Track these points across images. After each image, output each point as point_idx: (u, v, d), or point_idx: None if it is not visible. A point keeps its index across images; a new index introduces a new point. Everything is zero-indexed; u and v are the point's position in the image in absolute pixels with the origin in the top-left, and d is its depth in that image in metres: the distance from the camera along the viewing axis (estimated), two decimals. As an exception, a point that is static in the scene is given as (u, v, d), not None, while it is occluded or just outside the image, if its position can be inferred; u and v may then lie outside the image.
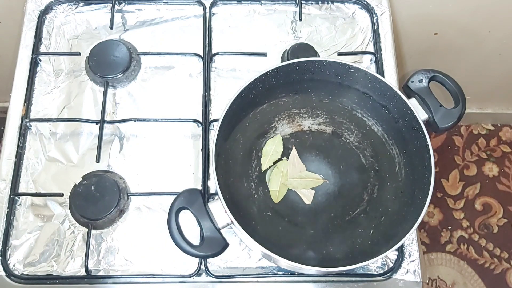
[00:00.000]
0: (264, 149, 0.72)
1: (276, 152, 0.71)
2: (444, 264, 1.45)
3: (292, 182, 0.70)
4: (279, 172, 0.70)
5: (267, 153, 0.71)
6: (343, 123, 0.75)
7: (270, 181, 0.71)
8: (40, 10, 0.86)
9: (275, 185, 0.70)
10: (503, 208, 1.51)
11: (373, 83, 0.72)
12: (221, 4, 0.89)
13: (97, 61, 0.81)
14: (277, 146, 0.72)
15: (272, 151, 0.71)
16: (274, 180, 0.70)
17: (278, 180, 0.70)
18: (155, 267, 0.72)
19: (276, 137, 0.73)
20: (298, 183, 0.70)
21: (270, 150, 0.71)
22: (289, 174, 0.70)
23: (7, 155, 0.77)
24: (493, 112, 1.53)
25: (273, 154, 0.71)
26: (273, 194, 0.70)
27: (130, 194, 0.75)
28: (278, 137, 0.72)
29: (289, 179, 0.70)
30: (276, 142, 0.72)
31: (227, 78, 0.84)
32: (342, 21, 0.89)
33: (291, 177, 0.70)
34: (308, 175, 0.70)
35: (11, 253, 0.72)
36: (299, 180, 0.69)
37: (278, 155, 0.72)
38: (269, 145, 0.72)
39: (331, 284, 0.72)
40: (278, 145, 0.72)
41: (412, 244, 0.75)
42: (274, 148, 0.72)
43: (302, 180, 0.70)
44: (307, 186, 0.70)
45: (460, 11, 1.01)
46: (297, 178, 0.69)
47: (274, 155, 0.71)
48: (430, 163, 0.66)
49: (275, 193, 0.70)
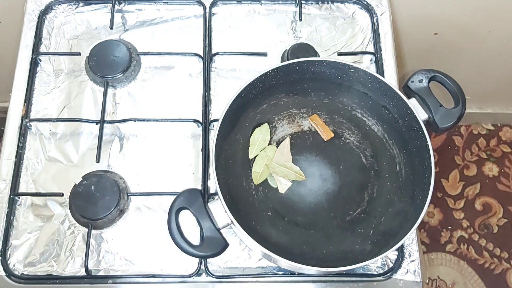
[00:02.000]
0: (251, 137, 0.72)
1: (263, 141, 0.72)
2: (444, 264, 1.45)
3: (274, 166, 0.70)
4: (265, 156, 0.71)
5: (255, 142, 0.72)
6: (343, 123, 0.75)
7: (255, 163, 0.71)
8: (40, 10, 0.86)
9: (259, 167, 0.71)
10: (503, 208, 1.51)
11: (373, 83, 0.72)
12: (221, 4, 0.89)
13: (97, 61, 0.81)
14: (265, 135, 0.72)
15: (260, 139, 0.72)
16: (259, 163, 0.71)
17: (263, 163, 0.71)
18: (155, 267, 0.72)
19: (263, 125, 0.73)
20: (280, 170, 0.70)
21: (258, 138, 0.72)
22: (275, 159, 0.71)
23: (7, 155, 0.77)
24: (493, 112, 1.53)
25: (261, 142, 0.72)
26: (254, 176, 0.70)
27: (130, 194, 0.75)
28: (265, 126, 0.73)
29: (273, 163, 0.70)
30: (264, 131, 0.72)
31: (227, 78, 0.84)
32: (342, 21, 0.89)
33: (275, 162, 0.70)
34: (292, 167, 0.70)
35: (11, 253, 0.72)
36: (282, 168, 0.70)
37: (266, 144, 0.72)
38: (256, 134, 0.72)
39: (331, 284, 0.72)
40: (266, 134, 0.72)
41: (412, 244, 0.75)
42: (262, 136, 0.72)
43: (284, 169, 0.70)
44: (286, 177, 0.70)
45: (460, 11, 1.01)
46: (281, 165, 0.70)
47: (261, 144, 0.72)
48: (430, 163, 0.66)
49: (256, 175, 0.70)
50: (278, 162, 0.70)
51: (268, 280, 0.72)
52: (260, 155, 0.71)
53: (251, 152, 0.72)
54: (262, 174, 0.71)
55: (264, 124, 0.73)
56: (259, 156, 0.71)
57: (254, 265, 0.73)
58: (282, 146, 0.72)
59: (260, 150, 0.72)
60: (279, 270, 0.72)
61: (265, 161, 0.71)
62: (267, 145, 0.72)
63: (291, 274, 0.72)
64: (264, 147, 0.72)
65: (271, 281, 0.72)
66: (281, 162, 0.70)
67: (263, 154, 0.71)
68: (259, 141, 0.72)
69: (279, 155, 0.71)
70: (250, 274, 0.72)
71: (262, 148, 0.72)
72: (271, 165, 0.70)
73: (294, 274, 0.72)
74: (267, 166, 0.70)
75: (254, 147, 0.72)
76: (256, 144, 0.71)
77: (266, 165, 0.71)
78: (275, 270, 0.72)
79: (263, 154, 0.71)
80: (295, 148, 0.73)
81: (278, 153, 0.71)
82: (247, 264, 0.73)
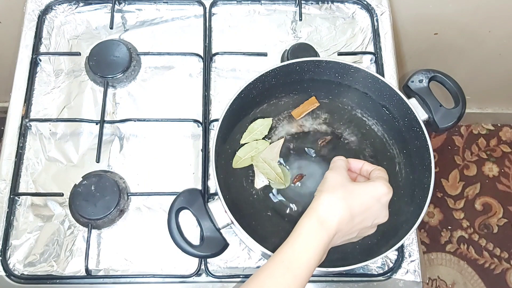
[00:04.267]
0: (251, 125, 0.72)
1: (260, 133, 0.72)
2: (444, 264, 1.45)
3: (259, 161, 0.70)
4: (255, 147, 0.71)
5: (252, 130, 0.72)
6: (343, 123, 0.75)
7: (242, 148, 0.71)
8: (40, 10, 0.86)
9: (243, 153, 0.71)
10: (503, 208, 1.51)
11: (373, 83, 0.72)
12: (221, 4, 0.89)
13: (97, 61, 0.81)
14: (264, 128, 0.72)
15: (258, 130, 0.72)
16: (246, 150, 0.71)
17: (249, 152, 0.71)
18: (155, 267, 0.72)
19: (267, 119, 0.73)
20: (262, 166, 0.70)
21: (257, 128, 0.72)
22: (262, 154, 0.71)
23: (7, 155, 0.77)
24: (493, 112, 1.53)
25: (257, 133, 0.72)
26: (236, 159, 0.70)
27: (130, 194, 0.75)
28: (269, 120, 0.73)
29: (259, 157, 0.70)
30: (265, 124, 0.72)
31: (227, 78, 0.84)
32: (342, 21, 0.89)
33: (262, 157, 0.70)
34: (275, 168, 0.70)
35: (11, 253, 0.72)
36: (265, 165, 0.70)
37: (261, 136, 0.72)
38: (257, 124, 0.72)
39: (331, 284, 0.72)
40: (265, 128, 0.72)
41: (412, 244, 0.75)
42: (261, 128, 0.72)
43: (267, 167, 0.70)
44: (266, 175, 0.70)
45: (460, 11, 1.01)
46: (265, 162, 0.70)
47: (257, 135, 0.72)
48: (430, 163, 0.66)
49: (238, 159, 0.70)
50: (264, 159, 0.70)
51: (268, 280, 0.72)
52: (250, 144, 0.71)
53: (244, 138, 0.71)
54: (243, 161, 0.70)
55: (269, 118, 0.73)
56: (249, 144, 0.71)
57: (254, 265, 0.73)
58: (274, 145, 0.72)
59: (252, 140, 0.72)
60: (279, 270, 0.72)
61: (252, 152, 0.70)
62: (261, 139, 0.72)
63: (291, 274, 0.72)
64: (258, 139, 0.72)
65: (271, 281, 0.72)
66: (267, 160, 0.70)
67: (254, 144, 0.71)
68: (256, 131, 0.71)
69: (268, 152, 0.71)
70: (250, 274, 0.72)
71: (255, 138, 0.72)
72: (257, 158, 0.70)
73: (294, 274, 0.72)
74: (252, 157, 0.70)
75: (249, 134, 0.71)
76: (252, 132, 0.71)
77: (252, 156, 0.70)
78: (275, 270, 0.72)
79: (253, 144, 0.71)
80: (295, 148, 0.73)
81: (268, 149, 0.71)
82: (247, 264, 0.73)
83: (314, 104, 0.74)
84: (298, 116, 0.73)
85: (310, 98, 0.74)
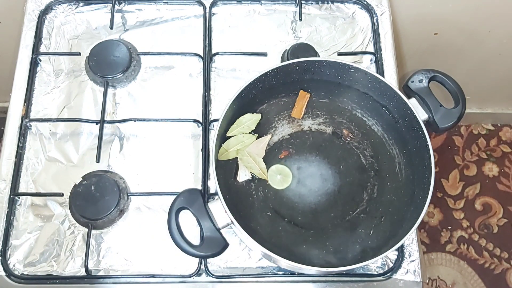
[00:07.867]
0: (239, 118, 0.72)
1: (247, 127, 0.72)
2: (444, 264, 1.45)
3: (244, 154, 0.70)
4: (241, 140, 0.71)
5: (240, 123, 0.72)
6: (343, 123, 0.75)
7: (228, 141, 0.71)
8: (40, 10, 0.86)
9: (229, 145, 0.71)
10: (503, 208, 1.51)
11: (373, 83, 0.72)
12: (221, 4, 0.89)
13: (97, 61, 0.81)
14: (252, 123, 0.72)
15: (245, 124, 0.72)
16: (232, 143, 0.71)
17: (235, 144, 0.71)
18: (155, 267, 0.72)
19: (256, 114, 0.73)
20: (247, 160, 0.70)
21: (245, 122, 0.72)
22: (248, 148, 0.71)
23: (7, 155, 0.77)
24: (493, 112, 1.53)
25: (244, 127, 0.72)
26: (221, 151, 0.70)
27: (130, 194, 0.75)
28: (257, 116, 0.73)
29: (244, 151, 0.70)
30: (253, 119, 0.72)
31: (227, 78, 0.84)
32: (342, 21, 0.89)
33: (247, 151, 0.70)
34: (259, 163, 0.70)
35: (11, 253, 0.72)
36: (250, 159, 0.70)
37: (247, 131, 0.72)
38: (245, 118, 0.72)
39: (331, 284, 0.72)
40: (253, 123, 0.72)
41: (412, 244, 0.75)
42: (249, 123, 0.72)
43: (252, 161, 0.70)
44: (250, 169, 0.70)
45: (460, 11, 1.01)
46: (250, 156, 0.70)
47: (244, 129, 0.72)
48: (430, 163, 0.66)
49: (223, 151, 0.70)
50: (250, 153, 0.70)
51: (268, 280, 0.72)
52: (237, 137, 0.71)
53: (231, 131, 0.71)
54: (228, 154, 0.70)
55: (258, 114, 0.73)
56: (236, 137, 0.71)
57: (254, 265, 0.73)
58: (261, 140, 0.72)
59: (239, 133, 0.72)
60: (279, 270, 0.72)
61: (238, 145, 0.70)
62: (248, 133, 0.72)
63: (291, 274, 0.72)
64: (244, 133, 0.72)
65: (271, 281, 0.72)
66: (252, 154, 0.70)
67: (240, 137, 0.71)
68: (244, 125, 0.71)
69: (254, 147, 0.71)
70: (250, 274, 0.72)
71: (242, 132, 0.72)
72: (242, 152, 0.70)
73: (294, 274, 0.72)
74: (237, 150, 0.70)
75: (236, 127, 0.71)
76: (240, 126, 0.71)
77: (238, 149, 0.70)
78: (275, 270, 0.72)
79: (240, 138, 0.71)
80: (295, 148, 0.73)
81: (254, 144, 0.71)
82: (247, 264, 0.73)
83: (306, 96, 0.74)
84: (300, 115, 0.73)
85: (298, 94, 0.74)
